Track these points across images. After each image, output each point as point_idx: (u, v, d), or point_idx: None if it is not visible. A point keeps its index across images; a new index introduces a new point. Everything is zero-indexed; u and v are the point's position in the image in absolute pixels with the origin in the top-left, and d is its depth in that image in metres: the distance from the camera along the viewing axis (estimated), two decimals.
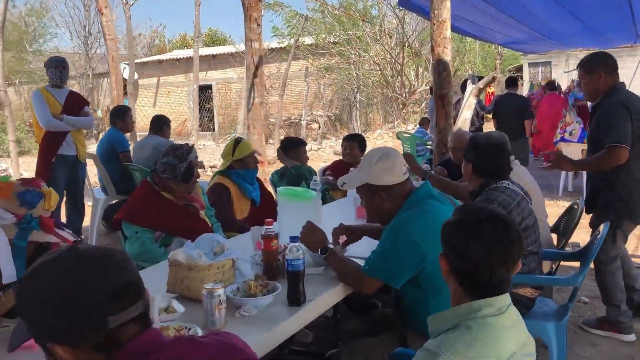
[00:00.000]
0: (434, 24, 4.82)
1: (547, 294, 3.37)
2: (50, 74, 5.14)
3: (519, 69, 26.15)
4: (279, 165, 5.55)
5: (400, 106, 16.56)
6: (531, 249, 2.85)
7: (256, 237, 2.56)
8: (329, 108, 19.55)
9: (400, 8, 13.85)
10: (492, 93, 15.48)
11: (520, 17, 7.70)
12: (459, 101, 9.69)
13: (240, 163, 3.79)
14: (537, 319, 2.80)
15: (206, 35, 32.93)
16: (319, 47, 17.43)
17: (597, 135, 3.46)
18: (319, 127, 18.41)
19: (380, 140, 15.19)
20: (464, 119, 6.04)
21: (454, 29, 10.22)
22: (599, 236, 2.97)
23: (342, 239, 2.56)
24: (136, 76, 24.02)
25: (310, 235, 2.39)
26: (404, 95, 16.71)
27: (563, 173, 8.41)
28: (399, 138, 10.60)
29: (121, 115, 5.85)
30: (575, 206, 3.66)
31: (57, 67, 5.16)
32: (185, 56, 22.70)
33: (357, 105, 17.85)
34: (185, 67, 22.59)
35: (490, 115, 9.25)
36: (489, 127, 13.12)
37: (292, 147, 4.58)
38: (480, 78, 8.88)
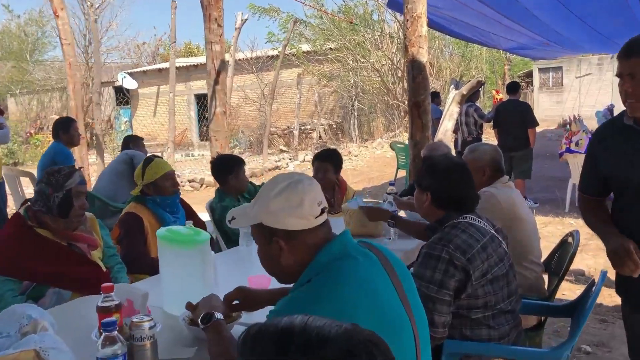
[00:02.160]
0: (407, 20, 4.13)
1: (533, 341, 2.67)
2: None
3: (529, 74, 25.31)
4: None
5: (402, 114, 15.82)
6: (502, 307, 2.15)
7: (124, 297, 1.89)
8: (330, 116, 18.89)
9: (391, 11, 13.19)
10: (501, 99, 14.68)
11: (523, 21, 7.02)
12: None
13: (152, 188, 3.13)
14: None
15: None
16: (317, 54, 16.78)
17: None
18: (319, 136, 17.74)
19: (380, 150, 14.48)
20: (444, 130, 5.30)
21: (451, 33, 9.59)
22: (595, 286, 2.26)
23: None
24: (136, 85, 23.65)
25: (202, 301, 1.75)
26: (405, 102, 15.98)
27: (570, 184, 7.68)
28: (392, 148, 9.90)
29: (65, 128, 5.21)
30: (570, 239, 2.94)
31: None
32: (185, 64, 22.23)
33: (355, 114, 17.12)
34: (185, 75, 22.14)
35: (490, 125, 8.55)
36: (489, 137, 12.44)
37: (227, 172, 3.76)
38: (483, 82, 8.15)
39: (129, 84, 23.90)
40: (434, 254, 2.08)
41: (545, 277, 3.03)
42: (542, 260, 3.00)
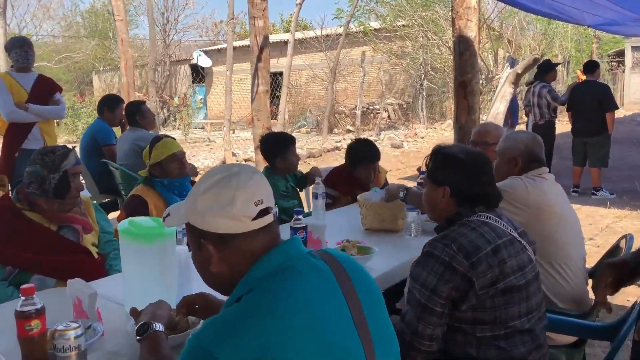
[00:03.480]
0: None
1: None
2: (15, 55, 4.53)
3: (621, 53, 23.49)
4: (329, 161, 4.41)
5: None
6: (516, 325, 1.80)
7: (74, 295, 1.72)
8: (401, 96, 18.34)
9: None
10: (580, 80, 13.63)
11: None
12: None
13: (159, 169, 2.96)
14: None
15: (287, 21, 32.48)
16: (387, 30, 16.22)
17: None
18: (388, 116, 17.29)
19: (449, 132, 13.87)
20: (495, 113, 4.80)
21: (524, 7, 8.84)
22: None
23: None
24: (210, 63, 23.99)
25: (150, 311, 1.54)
26: (480, 81, 15.17)
27: None
28: None
29: (111, 106, 5.18)
30: (622, 245, 2.51)
31: (22, 46, 4.55)
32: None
33: (424, 93, 16.47)
34: None
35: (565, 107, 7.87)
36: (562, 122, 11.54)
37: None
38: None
39: (204, 62, 24.29)
40: (434, 253, 1.79)
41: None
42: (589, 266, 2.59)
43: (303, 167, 10.53)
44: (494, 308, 1.78)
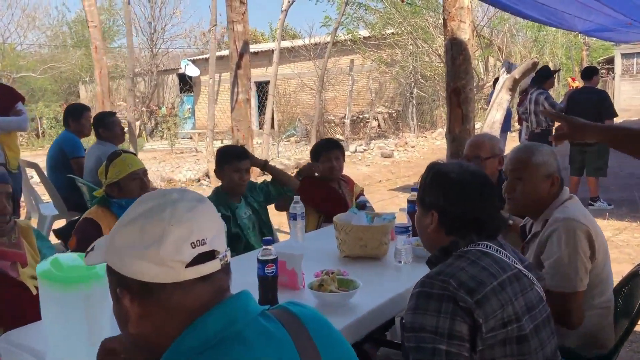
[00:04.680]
0: None
1: None
2: None
3: (610, 60, 23.40)
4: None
5: None
6: None
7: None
8: (391, 104, 18.08)
9: None
10: (577, 88, 13.39)
11: None
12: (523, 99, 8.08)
13: (116, 189, 2.61)
14: None
15: (276, 30, 32.28)
16: (376, 38, 15.98)
17: None
18: (378, 125, 17.00)
19: (440, 141, 13.60)
20: (491, 122, 4.48)
21: (516, 12, 8.59)
22: None
23: None
24: (198, 72, 23.66)
25: None
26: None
27: None
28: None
29: (75, 115, 4.80)
30: None
31: None
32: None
33: (414, 102, 16.21)
34: None
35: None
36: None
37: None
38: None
39: (192, 71, 24.00)
40: (432, 293, 1.44)
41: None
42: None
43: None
44: (503, 358, 1.44)
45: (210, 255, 0.96)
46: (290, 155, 13.08)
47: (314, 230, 3.14)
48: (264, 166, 3.41)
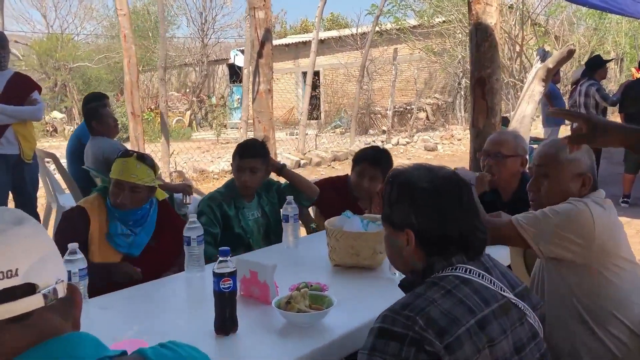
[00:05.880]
0: None
1: None
2: None
3: None
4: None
5: (518, 93, 14.14)
6: None
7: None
8: (442, 95, 17.55)
9: None
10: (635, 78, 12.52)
11: None
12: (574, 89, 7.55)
13: (110, 185, 2.48)
14: None
15: (328, 20, 31.94)
16: (424, 27, 15.45)
17: None
18: (426, 117, 16.53)
19: None
20: (521, 116, 4.06)
21: (574, 0, 8.03)
22: None
23: None
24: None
25: None
26: (523, 80, 14.26)
27: None
28: None
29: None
30: None
31: None
32: (294, 41, 21.91)
33: (462, 92, 15.60)
34: (294, 53, 21.86)
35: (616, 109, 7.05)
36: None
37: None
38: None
39: (241, 61, 24.07)
40: (394, 332, 1.19)
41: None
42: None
43: (328, 171, 9.78)
44: None
45: (26, 290, 0.75)
46: (328, 147, 12.78)
47: (307, 235, 2.89)
48: (280, 170, 3.02)
